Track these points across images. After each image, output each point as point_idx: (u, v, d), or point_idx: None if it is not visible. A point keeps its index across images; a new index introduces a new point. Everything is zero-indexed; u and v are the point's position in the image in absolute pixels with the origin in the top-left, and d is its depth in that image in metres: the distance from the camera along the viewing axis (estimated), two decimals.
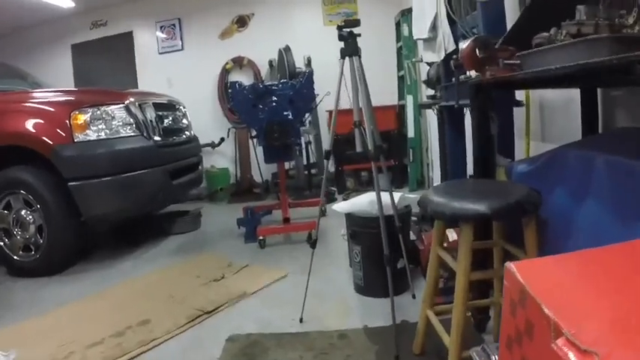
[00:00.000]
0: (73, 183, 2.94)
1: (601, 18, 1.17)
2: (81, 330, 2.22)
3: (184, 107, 4.26)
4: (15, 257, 3.09)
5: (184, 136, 4.09)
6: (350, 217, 2.51)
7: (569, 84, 1.72)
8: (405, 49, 4.92)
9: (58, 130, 2.96)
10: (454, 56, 1.87)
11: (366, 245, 2.44)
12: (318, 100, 3.67)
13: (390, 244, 2.08)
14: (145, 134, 3.34)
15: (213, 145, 5.43)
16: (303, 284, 2.34)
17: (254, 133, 3.50)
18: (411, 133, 5.00)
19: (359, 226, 2.46)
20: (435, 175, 4.90)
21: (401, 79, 5.43)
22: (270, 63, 5.33)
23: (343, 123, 4.80)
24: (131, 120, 3.26)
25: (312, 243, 2.31)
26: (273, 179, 5.52)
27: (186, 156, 3.95)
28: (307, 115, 3.89)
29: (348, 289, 2.60)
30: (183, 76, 5.37)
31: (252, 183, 5.47)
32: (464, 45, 1.70)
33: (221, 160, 5.61)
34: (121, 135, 3.18)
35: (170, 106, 3.94)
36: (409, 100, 4.94)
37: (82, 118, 3.00)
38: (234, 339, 2.11)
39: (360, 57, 2.15)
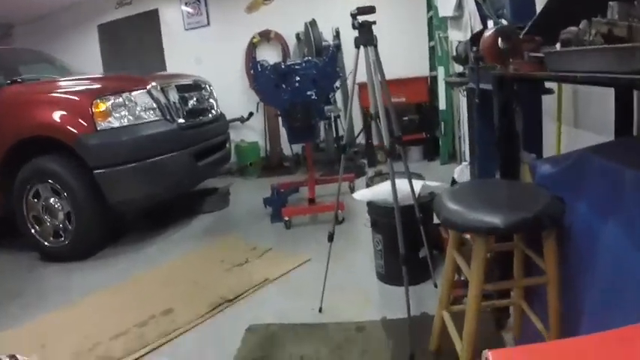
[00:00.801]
0: (98, 171, 3.00)
1: (636, 19, 1.04)
2: (107, 320, 2.31)
3: (210, 86, 4.23)
4: (46, 243, 3.22)
5: (210, 115, 4.07)
6: (371, 205, 2.46)
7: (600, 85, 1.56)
8: (436, 19, 4.66)
9: (81, 120, 3.01)
10: (474, 48, 1.73)
11: (387, 234, 2.39)
12: (346, 77, 3.55)
13: (409, 236, 2.02)
14: (168, 118, 3.35)
15: (242, 120, 5.42)
16: (323, 271, 2.32)
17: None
18: (442, 106, 4.81)
19: (380, 216, 2.41)
20: (468, 149, 4.74)
21: (432, 49, 5.20)
22: (298, 36, 5.19)
23: None
24: (154, 104, 3.27)
25: (330, 237, 2.27)
26: (304, 153, 5.48)
27: (212, 136, 3.95)
28: (332, 94, 3.78)
29: (370, 276, 2.57)
30: (210, 51, 5.32)
31: (282, 157, 5.46)
32: (486, 34, 1.57)
33: (251, 134, 5.60)
34: (144, 120, 3.20)
35: (195, 87, 3.92)
36: (440, 71, 4.72)
37: (104, 106, 3.04)
38: (253, 330, 2.14)
39: (375, 46, 2.04)
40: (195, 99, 3.84)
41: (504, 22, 1.99)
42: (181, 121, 3.49)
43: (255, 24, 5.26)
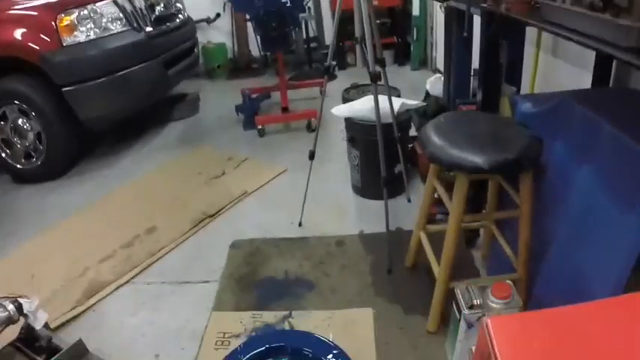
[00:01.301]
0: (67, 88, 2.85)
1: None
2: (92, 242, 2.34)
3: None
4: (18, 165, 3.10)
5: (177, 20, 3.82)
6: (349, 122, 2.49)
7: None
8: None
9: (46, 37, 2.78)
10: None
11: (365, 150, 2.46)
12: None
13: (386, 153, 2.09)
14: (135, 27, 3.13)
15: (208, 21, 5.10)
16: (301, 181, 2.42)
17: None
18: (415, 11, 4.67)
19: (358, 132, 2.46)
20: (439, 56, 4.71)
21: None
22: None
23: None
24: (120, 14, 3.05)
25: (311, 155, 2.32)
26: (272, 54, 5.31)
27: (180, 42, 3.74)
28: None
29: (346, 189, 2.68)
30: None
31: (250, 58, 5.27)
32: None
33: (217, 35, 5.31)
34: (111, 32, 2.98)
35: None
36: None
37: (68, 20, 2.79)
38: (237, 245, 2.25)
39: None
40: (162, 5, 3.57)
41: None
42: (149, 29, 3.26)
43: None
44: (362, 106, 2.41)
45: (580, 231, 1.30)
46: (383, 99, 2.44)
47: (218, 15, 5.08)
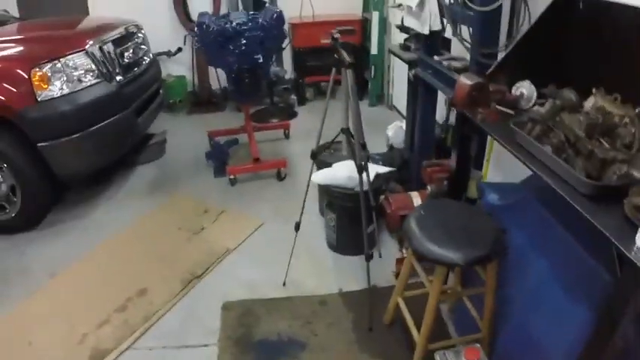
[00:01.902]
0: (42, 144, 2.87)
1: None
2: (84, 305, 2.42)
3: (142, 29, 3.98)
4: None
5: (144, 62, 3.89)
6: (327, 189, 2.71)
7: None
8: None
9: (20, 92, 2.79)
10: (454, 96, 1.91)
11: (341, 215, 2.71)
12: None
13: (359, 216, 2.34)
14: (107, 78, 3.19)
15: (169, 54, 5.15)
16: (279, 235, 2.85)
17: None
18: (374, 50, 4.97)
19: (335, 198, 2.69)
20: (396, 93, 5.04)
21: None
22: None
23: (306, 36, 4.77)
24: (92, 66, 3.09)
25: (297, 226, 2.54)
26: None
27: (148, 86, 3.82)
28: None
29: (321, 244, 2.90)
30: None
31: (210, 92, 5.36)
32: (461, 82, 1.80)
33: (177, 67, 5.36)
34: (84, 85, 3.02)
35: (129, 36, 3.67)
36: (375, 16, 4.81)
37: (42, 74, 2.80)
38: (228, 307, 2.42)
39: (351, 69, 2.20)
40: (131, 50, 3.64)
41: (465, 42, 2.20)
42: (119, 78, 3.34)
43: None
44: (340, 174, 2.63)
45: (535, 305, 1.64)
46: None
47: (180, 49, 5.13)
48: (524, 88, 1.79)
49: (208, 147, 4.25)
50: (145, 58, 3.98)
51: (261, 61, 3.27)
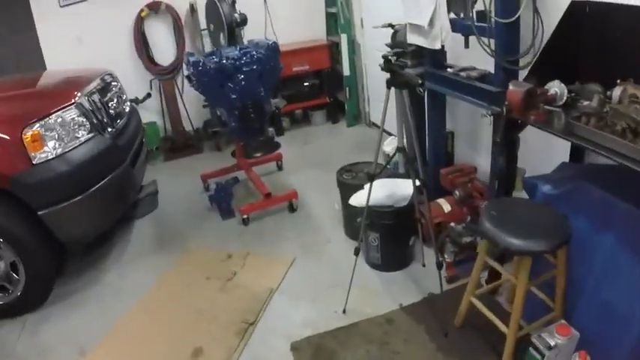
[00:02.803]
0: (44, 211, 2.61)
1: None
2: None
3: (116, 77, 3.79)
4: None
5: (126, 111, 3.70)
6: (368, 210, 2.67)
7: None
8: None
9: (13, 156, 2.53)
10: (507, 103, 2.00)
11: (384, 233, 2.68)
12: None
13: (403, 231, 2.50)
14: (100, 131, 2.97)
15: (137, 101, 4.93)
16: (315, 268, 2.85)
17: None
18: (346, 72, 5.06)
19: (376, 218, 2.66)
20: (373, 110, 5.13)
21: (330, 15, 5.32)
22: (192, 6, 4.78)
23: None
24: (84, 120, 2.86)
25: (356, 251, 2.49)
26: (206, 127, 5.29)
27: (135, 136, 3.62)
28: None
29: (363, 266, 2.83)
30: (92, 29, 4.54)
31: (185, 135, 5.18)
32: (513, 90, 1.90)
33: (146, 114, 5.12)
34: (79, 141, 2.79)
35: (108, 86, 3.48)
36: (343, 38, 4.91)
37: (35, 134, 2.55)
38: (298, 347, 2.30)
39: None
40: (115, 100, 3.45)
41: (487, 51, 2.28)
42: (110, 129, 3.13)
43: None
44: (378, 194, 2.61)
45: (608, 278, 1.78)
46: (392, 183, 2.70)
47: (149, 95, 4.94)
48: (556, 87, 1.94)
49: (201, 191, 4.11)
50: (126, 107, 3.78)
51: (263, 94, 3.21)
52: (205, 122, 5.30)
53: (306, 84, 5.30)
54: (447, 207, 2.94)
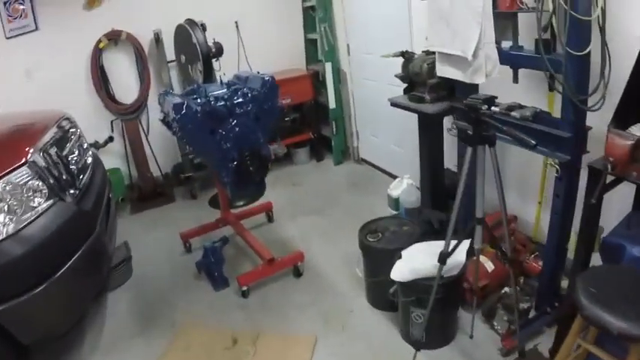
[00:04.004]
0: None
1: None
2: None
3: (74, 121, 3.14)
4: None
5: (89, 163, 3.06)
6: (414, 284, 2.21)
7: None
8: (321, 10, 4.34)
9: None
10: (609, 158, 1.61)
11: (435, 308, 2.19)
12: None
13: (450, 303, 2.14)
14: (60, 195, 2.33)
15: (97, 146, 4.26)
16: (344, 348, 2.38)
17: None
18: (332, 104, 4.63)
19: (422, 292, 2.19)
20: (363, 145, 4.71)
21: (310, 42, 4.89)
22: (157, 36, 4.21)
23: None
24: (39, 183, 2.21)
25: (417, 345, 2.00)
26: (176, 171, 4.68)
27: (102, 192, 2.97)
28: None
29: (402, 346, 2.37)
30: (44, 62, 3.85)
31: (154, 182, 4.53)
32: (617, 142, 1.52)
33: (108, 158, 4.41)
34: (36, 212, 2.14)
35: (66, 134, 2.84)
36: (328, 67, 4.48)
37: None
38: None
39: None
40: (76, 152, 2.81)
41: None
42: (73, 191, 2.49)
43: (99, 23, 4.00)
44: (424, 265, 2.16)
45: None
46: (436, 247, 2.25)
47: (111, 139, 4.27)
48: None
49: (182, 252, 3.51)
50: (88, 157, 3.12)
51: (261, 140, 2.70)
52: (175, 166, 4.70)
53: (287, 119, 4.78)
54: (489, 265, 2.54)
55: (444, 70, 2.39)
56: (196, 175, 4.42)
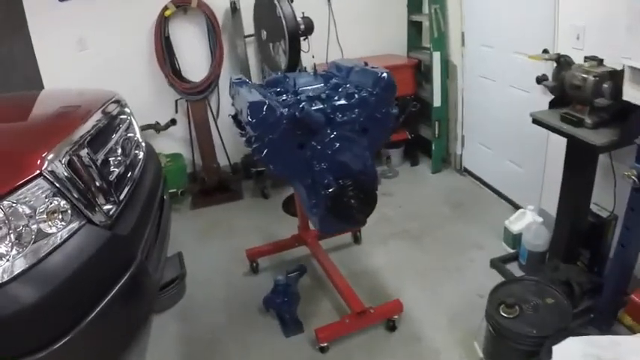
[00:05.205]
0: None
1: None
2: None
3: (125, 104, 2.51)
4: None
5: (139, 159, 2.42)
6: None
7: None
8: None
9: None
10: None
11: None
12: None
13: None
14: (88, 213, 1.68)
15: (157, 128, 3.71)
16: None
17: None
18: (437, 102, 3.79)
19: None
20: (468, 153, 3.84)
21: (413, 25, 4.03)
22: (233, 5, 3.52)
23: None
24: (59, 200, 1.59)
25: None
26: (246, 164, 4.05)
27: (152, 199, 2.33)
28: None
29: None
30: (100, 30, 3.34)
31: (220, 174, 3.92)
32: None
33: (169, 143, 3.91)
34: (54, 240, 1.53)
35: (110, 124, 2.20)
36: (436, 58, 3.63)
37: None
38: None
39: None
40: (119, 151, 2.18)
41: None
42: (109, 207, 1.84)
43: None
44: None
45: None
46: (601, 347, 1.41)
47: (173, 122, 3.71)
48: None
49: (247, 271, 2.87)
50: (138, 151, 2.49)
51: (369, 163, 1.93)
52: (246, 157, 4.07)
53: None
54: None
55: (637, 96, 1.51)
56: (254, 181, 3.79)
